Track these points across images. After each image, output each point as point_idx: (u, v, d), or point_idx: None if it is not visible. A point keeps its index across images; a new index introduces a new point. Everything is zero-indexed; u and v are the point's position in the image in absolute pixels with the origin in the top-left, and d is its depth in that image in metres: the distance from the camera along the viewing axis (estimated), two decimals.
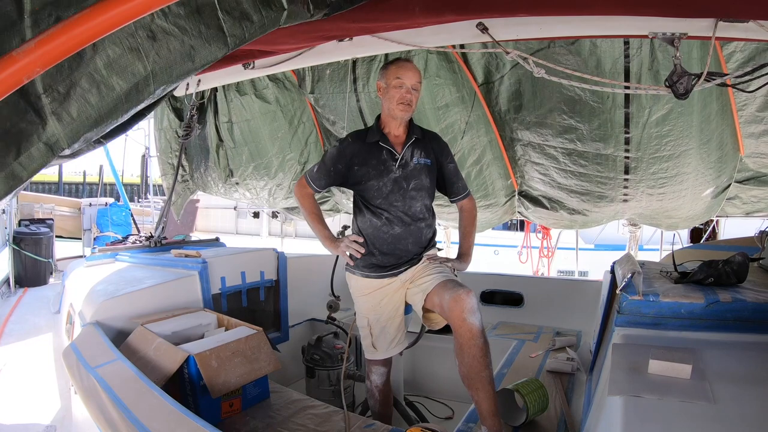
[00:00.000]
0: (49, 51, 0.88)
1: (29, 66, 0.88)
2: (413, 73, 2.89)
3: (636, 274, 2.64)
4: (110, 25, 0.92)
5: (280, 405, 2.98)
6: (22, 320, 6.62)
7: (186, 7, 1.83)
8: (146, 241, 5.41)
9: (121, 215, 13.80)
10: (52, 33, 0.88)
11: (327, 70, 5.46)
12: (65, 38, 0.88)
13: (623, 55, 3.91)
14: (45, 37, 0.88)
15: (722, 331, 2.34)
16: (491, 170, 5.51)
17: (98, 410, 2.37)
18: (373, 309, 3.09)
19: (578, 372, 3.56)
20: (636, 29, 2.47)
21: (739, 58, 3.75)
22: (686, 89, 2.32)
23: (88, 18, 0.89)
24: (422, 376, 4.73)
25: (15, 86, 0.90)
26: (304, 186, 3.15)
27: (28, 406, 4.23)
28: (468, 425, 2.81)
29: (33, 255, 8.93)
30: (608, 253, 11.08)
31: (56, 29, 0.89)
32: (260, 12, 1.99)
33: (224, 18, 1.91)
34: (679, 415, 1.63)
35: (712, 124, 4.23)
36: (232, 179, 7.39)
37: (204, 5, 1.87)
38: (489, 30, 2.61)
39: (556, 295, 5.06)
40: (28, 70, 0.89)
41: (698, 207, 5.11)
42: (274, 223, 17.69)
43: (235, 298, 4.12)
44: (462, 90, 4.99)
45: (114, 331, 3.25)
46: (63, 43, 0.89)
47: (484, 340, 2.59)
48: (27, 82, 0.90)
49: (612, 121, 4.33)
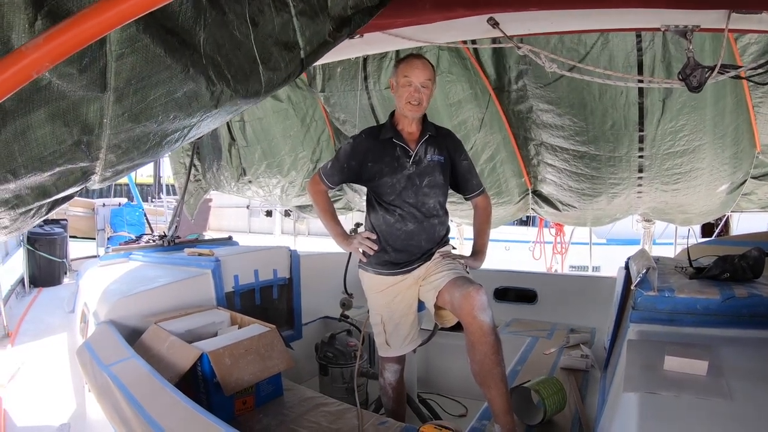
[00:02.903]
0: (58, 46, 0.88)
1: (38, 61, 0.88)
2: (421, 70, 2.85)
3: (651, 270, 2.62)
4: (120, 19, 0.92)
5: (294, 402, 2.98)
6: (37, 320, 6.65)
7: (241, 73, 1.84)
8: (159, 241, 5.43)
9: (135, 215, 13.86)
10: (61, 28, 0.88)
11: (338, 68, 5.45)
12: (74, 33, 0.88)
13: (636, 49, 3.88)
14: (54, 32, 0.87)
15: (738, 327, 2.31)
16: (504, 168, 5.49)
17: (112, 408, 2.38)
18: (387, 306, 3.08)
19: (592, 369, 3.54)
20: (648, 22, 2.45)
21: (754, 50, 3.71)
22: (700, 82, 2.30)
23: (97, 12, 0.88)
24: (436, 373, 4.72)
25: (24, 82, 0.89)
26: (317, 183, 3.14)
27: (43, 405, 4.25)
28: (482, 423, 2.80)
29: (47, 255, 8.97)
30: (620, 247, 11.03)
31: (65, 24, 0.88)
32: (285, 58, 1.99)
33: (263, 71, 1.91)
34: (695, 411, 1.62)
35: (726, 119, 4.19)
36: (245, 178, 7.41)
37: (253, 64, 1.87)
38: (500, 25, 2.59)
39: (569, 292, 5.04)
40: (37, 65, 0.89)
41: (713, 202, 5.07)
42: (287, 222, 17.76)
43: (249, 296, 4.13)
44: (475, 87, 4.98)
45: (128, 329, 3.27)
46: (72, 38, 0.89)
47: (495, 337, 2.57)
48: (36, 77, 0.90)
49: (626, 119, 4.30)
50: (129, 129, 1.56)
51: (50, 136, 1.40)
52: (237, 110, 1.97)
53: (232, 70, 1.76)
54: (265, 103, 6.35)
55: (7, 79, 0.87)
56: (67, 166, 1.53)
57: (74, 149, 1.49)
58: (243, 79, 1.82)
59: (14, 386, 4.60)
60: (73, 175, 1.60)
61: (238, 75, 1.80)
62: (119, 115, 1.50)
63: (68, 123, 1.42)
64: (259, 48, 1.86)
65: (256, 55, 1.85)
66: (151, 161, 1.74)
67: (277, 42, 1.94)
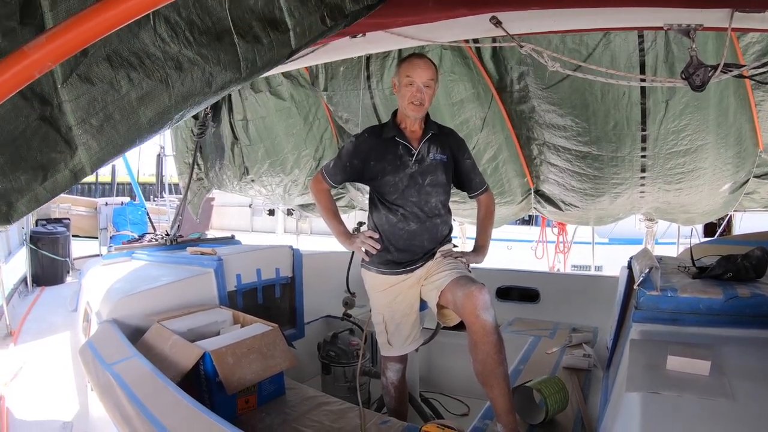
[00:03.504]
0: (60, 46, 0.88)
1: (41, 60, 0.88)
2: (423, 70, 2.85)
3: (654, 269, 2.62)
4: (121, 19, 0.92)
5: (296, 401, 2.98)
6: (40, 318, 6.67)
7: (208, 36, 1.83)
8: (162, 240, 5.44)
9: (137, 214, 13.87)
10: (63, 27, 0.88)
11: (341, 68, 5.44)
12: (76, 32, 0.88)
13: (638, 50, 3.87)
14: (56, 31, 0.87)
15: (741, 327, 2.31)
16: (507, 168, 5.48)
17: (114, 407, 2.38)
18: (389, 305, 3.08)
19: (595, 368, 3.54)
20: (651, 21, 2.45)
21: (757, 49, 3.70)
22: (702, 81, 2.30)
23: (99, 12, 0.88)
24: (438, 372, 4.72)
25: (26, 81, 0.90)
26: (320, 181, 3.15)
27: (45, 403, 4.26)
28: (484, 422, 2.80)
29: (50, 254, 8.99)
30: (622, 246, 10.99)
31: (67, 23, 0.88)
32: (269, 36, 1.98)
33: (239, 42, 1.90)
34: (697, 412, 1.61)
35: (729, 119, 4.18)
36: (248, 176, 7.41)
37: (223, 32, 1.86)
38: (503, 24, 2.59)
39: (572, 291, 5.04)
40: (39, 65, 0.89)
41: (716, 202, 5.06)
42: (290, 221, 17.71)
43: (251, 295, 4.13)
44: (477, 86, 4.96)
45: (130, 328, 3.27)
46: (74, 38, 0.89)
47: (497, 336, 2.57)
48: (38, 77, 0.90)
49: (629, 119, 4.29)
50: (87, 91, 1.56)
51: (12, 112, 1.40)
52: (214, 84, 1.93)
53: (195, 34, 1.78)
54: (267, 102, 6.35)
55: (9, 79, 0.87)
56: (50, 155, 1.53)
57: (42, 125, 1.48)
58: (210, 44, 1.83)
59: (17, 385, 4.62)
60: (60, 173, 1.60)
61: (204, 39, 1.81)
62: (69, 75, 1.50)
63: (26, 96, 1.42)
64: (235, 18, 1.86)
65: (230, 25, 1.86)
66: (135, 141, 1.72)
67: (260, 18, 1.93)
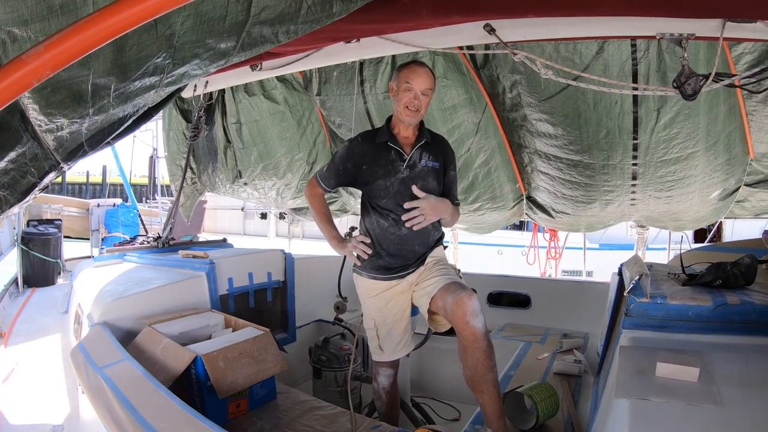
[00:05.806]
0: (58, 54, 0.89)
1: (39, 69, 0.89)
2: (424, 79, 2.87)
3: (644, 276, 2.64)
4: (121, 28, 0.92)
5: (287, 406, 2.99)
6: (30, 320, 6.62)
7: None
8: (154, 242, 5.43)
9: (129, 216, 13.83)
10: (62, 36, 0.89)
11: (334, 72, 5.45)
12: (75, 41, 0.89)
13: (630, 59, 3.89)
14: (54, 40, 0.88)
15: (730, 334, 2.33)
16: (499, 173, 5.49)
17: (105, 410, 2.38)
18: (380, 311, 3.09)
19: (585, 374, 3.55)
20: (643, 30, 2.47)
21: (749, 59, 3.72)
22: (694, 90, 2.32)
23: (97, 20, 0.89)
24: (429, 377, 4.73)
25: (25, 89, 0.90)
26: (314, 186, 3.17)
27: (36, 406, 4.23)
28: (474, 427, 2.81)
29: (41, 255, 8.93)
30: (613, 252, 11.04)
31: (66, 32, 0.89)
32: None
33: None
34: (686, 418, 1.63)
35: (718, 126, 4.21)
36: (241, 180, 7.39)
37: None
38: (496, 31, 2.61)
39: (563, 297, 5.06)
40: (37, 74, 0.89)
41: (706, 209, 5.09)
42: (282, 225, 17.72)
43: (243, 299, 4.13)
44: (470, 92, 4.97)
45: (121, 331, 3.27)
46: (73, 46, 0.89)
47: (487, 342, 2.59)
48: (37, 84, 0.90)
49: (621, 128, 4.31)
50: None
51: None
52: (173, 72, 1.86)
53: None
54: (261, 105, 6.34)
55: (8, 87, 0.88)
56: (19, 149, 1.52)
57: None
58: None
59: (7, 387, 4.59)
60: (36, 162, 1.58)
61: None
62: None
63: None
64: None
65: None
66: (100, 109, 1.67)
67: None
